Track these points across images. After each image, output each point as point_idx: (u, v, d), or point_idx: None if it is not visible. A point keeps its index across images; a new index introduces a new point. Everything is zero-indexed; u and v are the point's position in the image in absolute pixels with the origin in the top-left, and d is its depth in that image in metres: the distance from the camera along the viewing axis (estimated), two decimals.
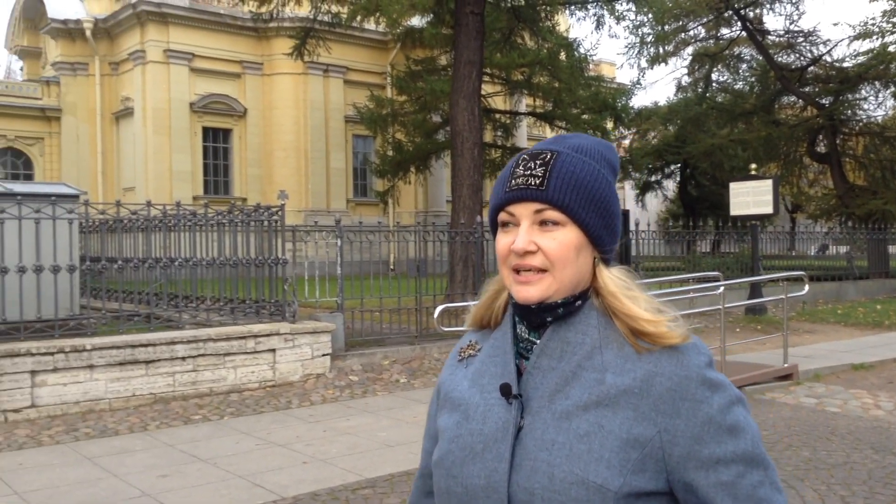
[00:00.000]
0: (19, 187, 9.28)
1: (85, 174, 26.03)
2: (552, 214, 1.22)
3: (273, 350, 9.30)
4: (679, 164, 30.14)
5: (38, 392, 7.71)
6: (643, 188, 31.09)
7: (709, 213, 32.83)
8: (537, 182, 1.22)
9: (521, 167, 1.25)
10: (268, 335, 9.26)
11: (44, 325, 8.14)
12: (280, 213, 9.83)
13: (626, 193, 38.67)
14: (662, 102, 29.59)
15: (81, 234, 10.21)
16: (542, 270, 1.22)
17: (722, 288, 9.32)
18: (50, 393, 7.76)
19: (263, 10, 16.79)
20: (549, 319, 1.25)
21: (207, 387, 8.73)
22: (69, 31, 26.09)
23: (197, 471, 6.20)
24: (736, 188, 15.45)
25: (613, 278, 1.26)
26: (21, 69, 34.30)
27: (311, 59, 19.48)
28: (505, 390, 1.23)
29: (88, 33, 25.80)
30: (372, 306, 11.06)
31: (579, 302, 1.25)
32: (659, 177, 31.40)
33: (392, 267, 19.57)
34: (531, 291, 1.22)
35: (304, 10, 19.04)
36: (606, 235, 1.25)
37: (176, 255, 10.06)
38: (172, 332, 8.80)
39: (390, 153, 23.01)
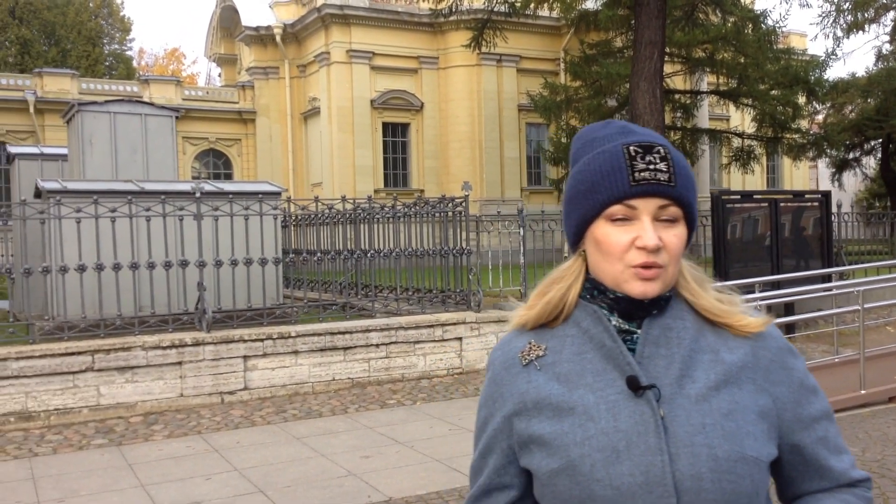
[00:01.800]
0: (229, 186, 10.06)
1: (277, 171, 27.80)
2: (674, 211, 1.24)
3: (460, 338, 9.52)
4: (881, 140, 27.63)
5: (250, 375, 8.34)
6: (840, 166, 28.75)
7: None
8: (666, 178, 1.22)
9: (640, 160, 1.23)
10: (454, 324, 9.49)
11: (253, 313, 8.79)
12: (464, 204, 10.02)
13: (820, 172, 35.98)
14: (861, 73, 27.19)
15: (282, 227, 10.92)
16: (660, 266, 1.22)
17: None
18: (260, 377, 8.38)
19: (442, 5, 17.11)
20: (654, 311, 1.26)
21: (399, 373, 9.08)
22: (261, 37, 27.91)
23: (396, 453, 6.47)
24: None
25: (692, 271, 1.32)
26: (219, 75, 37.16)
27: (486, 51, 19.66)
28: (633, 383, 1.21)
29: (278, 38, 27.47)
30: None
31: (671, 292, 1.28)
32: (857, 154, 28.92)
33: (566, 254, 19.41)
34: (653, 287, 1.23)
35: (479, 2, 19.25)
36: (695, 231, 1.30)
37: (367, 247, 10.53)
38: (367, 321, 9.22)
39: (564, 140, 22.77)
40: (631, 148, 1.24)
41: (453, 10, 17.31)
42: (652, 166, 1.23)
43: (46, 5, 39.62)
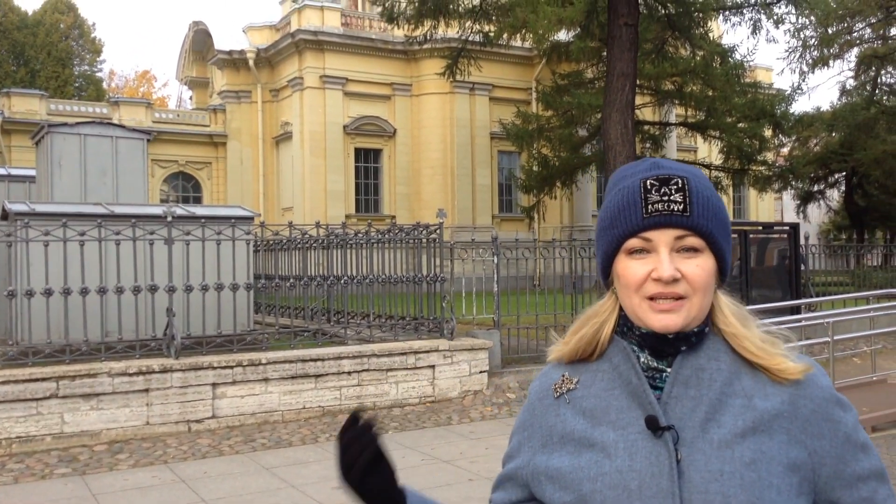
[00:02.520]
0: (201, 210, 9.95)
1: (248, 195, 27.63)
2: (694, 241, 1.21)
3: (432, 366, 9.45)
4: (845, 173, 28.26)
5: (219, 403, 8.19)
6: (805, 198, 29.34)
7: (878, 224, 30.56)
8: (680, 208, 1.21)
9: (654, 192, 1.22)
10: (427, 351, 9.43)
11: (223, 339, 8.66)
12: (438, 231, 10.02)
13: (785, 204, 36.62)
14: (826, 107, 27.86)
15: (254, 252, 10.81)
16: (681, 298, 1.20)
17: None
18: (229, 405, 8.23)
19: (417, 33, 17.22)
20: (683, 348, 1.23)
21: (371, 401, 8.99)
22: (234, 61, 27.86)
23: None
24: None
25: (731, 307, 1.27)
26: (190, 98, 36.97)
27: (460, 79, 19.81)
28: (652, 423, 1.19)
29: (251, 63, 27.44)
30: (527, 323, 11.04)
31: (707, 328, 1.25)
32: (822, 186, 29.55)
33: (536, 282, 19.46)
34: (674, 319, 1.20)
35: (453, 31, 19.40)
36: (728, 263, 1.26)
37: (340, 273, 10.46)
38: (339, 348, 9.13)
39: (536, 168, 22.95)
40: (648, 181, 1.23)
41: (428, 38, 17.43)
42: (666, 197, 1.21)
43: (17, 25, 39.23)
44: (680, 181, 1.23)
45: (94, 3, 77.89)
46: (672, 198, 1.21)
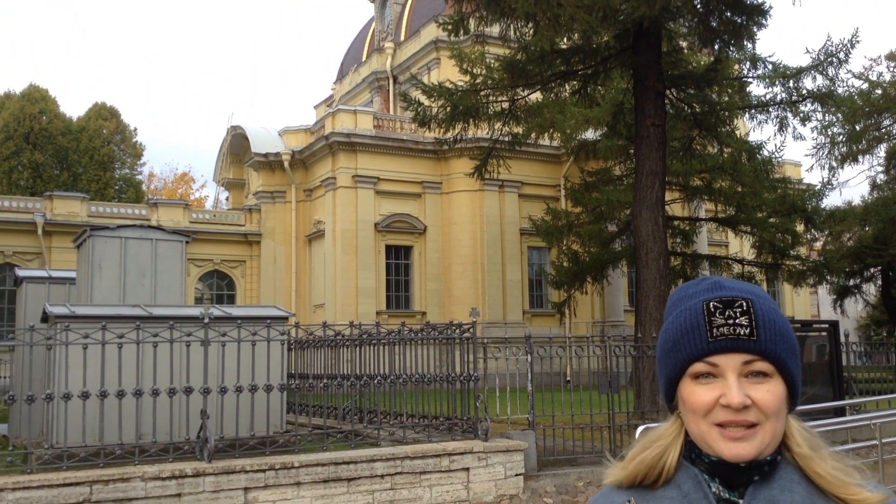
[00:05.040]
0: (237, 311, 10.05)
1: (281, 292, 27.91)
2: (763, 366, 1.19)
3: (467, 469, 9.24)
4: (880, 267, 27.89)
5: None
6: (841, 293, 28.91)
7: None
8: (746, 332, 1.19)
9: (718, 316, 1.20)
10: (461, 453, 9.23)
11: (256, 441, 8.58)
12: (472, 329, 9.98)
13: (821, 298, 36.11)
14: (857, 201, 27.79)
15: (287, 350, 10.82)
16: (753, 425, 1.17)
17: None
18: None
19: (447, 135, 17.67)
20: (755, 478, 1.19)
21: None
22: (269, 163, 28.69)
23: None
24: None
25: (803, 433, 1.23)
26: (227, 199, 37.90)
27: (489, 177, 20.17)
28: None
29: (286, 164, 28.24)
30: (562, 423, 10.81)
31: (779, 457, 1.21)
32: (858, 280, 29.14)
33: (568, 379, 19.18)
34: (746, 448, 1.16)
35: (482, 132, 19.88)
36: (799, 386, 1.23)
37: (372, 372, 10.40)
38: (372, 450, 8.99)
39: (566, 264, 23.01)
40: (711, 304, 1.22)
41: (458, 139, 17.88)
42: (731, 321, 1.20)
43: (61, 131, 40.92)
44: (745, 303, 1.21)
45: (137, 108, 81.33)
46: (738, 321, 1.20)
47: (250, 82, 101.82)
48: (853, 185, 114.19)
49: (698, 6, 13.76)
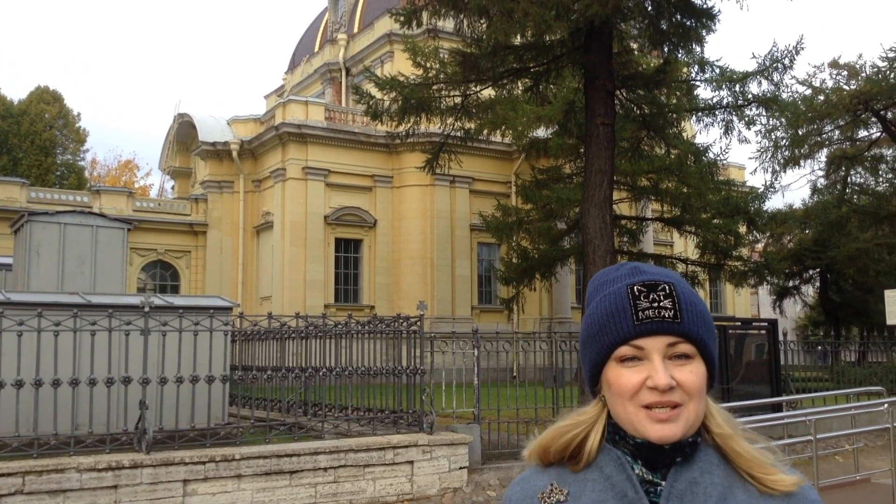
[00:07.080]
0: (179, 300, 9.85)
1: (227, 284, 27.48)
2: (686, 348, 1.21)
3: (411, 462, 9.23)
4: (819, 269, 28.75)
5: (189, 501, 7.89)
6: (781, 294, 29.71)
7: (853, 320, 30.88)
8: (671, 315, 1.20)
9: (643, 299, 1.22)
10: (406, 446, 9.23)
11: (197, 433, 8.42)
12: (419, 323, 9.96)
13: (761, 298, 37.04)
14: (798, 205, 28.63)
15: (231, 342, 10.65)
16: (677, 406, 1.18)
17: (887, 404, 8.63)
18: (200, 502, 7.94)
19: (399, 129, 17.59)
20: (678, 459, 1.20)
21: (347, 499, 8.72)
22: (217, 152, 28.21)
23: None
24: (892, 296, 14.51)
25: (722, 412, 1.25)
26: (172, 188, 37.18)
27: (440, 172, 20.15)
28: None
29: (235, 154, 27.81)
30: (507, 417, 10.87)
31: (700, 438, 1.23)
32: (797, 282, 29.99)
33: (515, 374, 19.32)
34: (673, 429, 1.18)
35: (434, 127, 19.84)
36: (716, 367, 1.26)
37: (318, 364, 10.30)
38: (315, 443, 8.91)
39: (515, 260, 23.12)
40: (635, 287, 1.23)
41: (410, 133, 17.80)
42: (656, 304, 1.21)
43: (1, 114, 39.63)
44: (668, 287, 1.23)
45: (80, 93, 79.22)
46: (662, 304, 1.21)
47: (200, 69, 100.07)
48: (795, 189, 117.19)
49: (649, 8, 13.93)
